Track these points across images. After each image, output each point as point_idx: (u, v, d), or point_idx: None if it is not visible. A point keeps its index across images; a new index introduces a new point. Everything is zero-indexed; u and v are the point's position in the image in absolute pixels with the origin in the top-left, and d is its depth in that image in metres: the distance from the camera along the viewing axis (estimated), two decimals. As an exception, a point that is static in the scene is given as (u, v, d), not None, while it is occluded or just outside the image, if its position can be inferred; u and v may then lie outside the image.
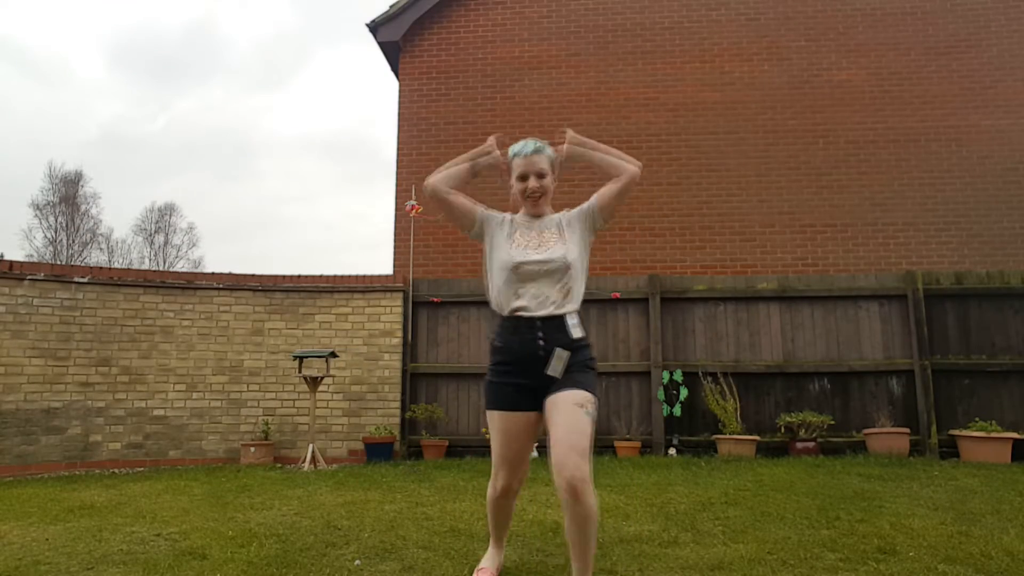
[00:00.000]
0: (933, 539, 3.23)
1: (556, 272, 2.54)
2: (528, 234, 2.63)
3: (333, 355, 7.12)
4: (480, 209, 2.71)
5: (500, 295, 2.59)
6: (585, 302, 2.65)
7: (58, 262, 30.11)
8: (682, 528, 3.57)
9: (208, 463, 7.10)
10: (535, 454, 6.94)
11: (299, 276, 7.79)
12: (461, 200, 2.69)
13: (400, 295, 7.66)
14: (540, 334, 2.48)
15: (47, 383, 6.91)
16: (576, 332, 2.51)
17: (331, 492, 4.88)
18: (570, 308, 2.54)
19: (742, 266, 8.35)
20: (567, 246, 2.59)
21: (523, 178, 2.65)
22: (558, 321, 2.50)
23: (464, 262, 8.55)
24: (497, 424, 2.55)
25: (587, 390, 2.43)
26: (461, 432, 7.41)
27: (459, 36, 9.16)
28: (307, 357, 7.08)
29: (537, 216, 2.68)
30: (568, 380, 2.44)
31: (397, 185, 8.84)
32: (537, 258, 2.55)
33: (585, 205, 2.70)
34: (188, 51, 54.20)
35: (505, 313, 2.57)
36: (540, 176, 2.64)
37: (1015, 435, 6.24)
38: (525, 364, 2.49)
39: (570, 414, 2.35)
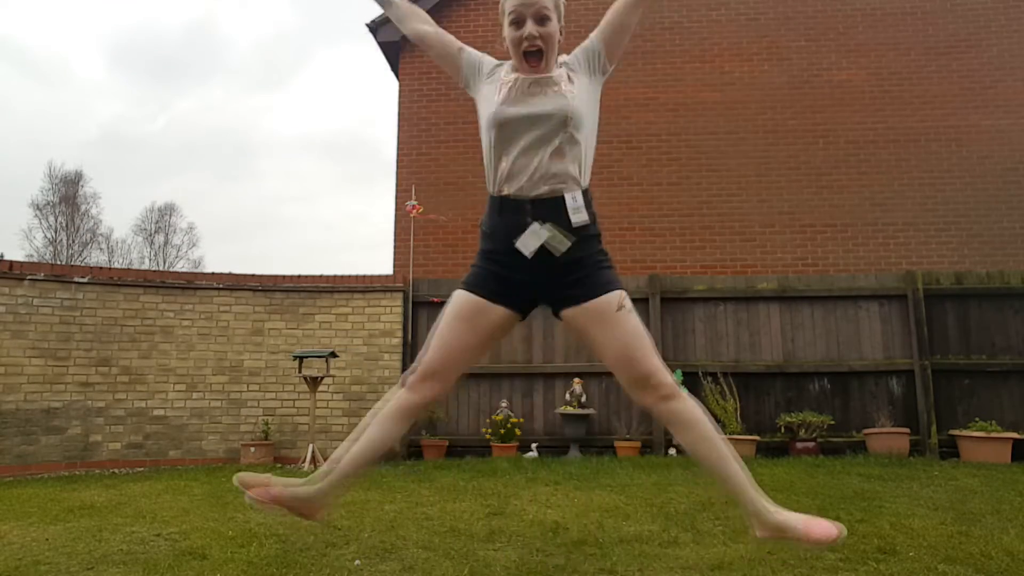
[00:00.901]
0: (933, 539, 3.23)
1: (551, 129, 1.92)
2: (523, 86, 2.01)
3: (333, 355, 7.12)
4: (464, 50, 2.20)
5: (486, 165, 2.04)
6: None
7: (58, 262, 30.13)
8: (682, 528, 3.57)
9: (208, 463, 7.10)
10: (533, 453, 6.95)
11: (299, 276, 7.79)
12: (440, 34, 2.22)
13: (400, 295, 7.66)
14: (529, 219, 1.91)
15: (47, 383, 6.91)
16: (578, 217, 1.92)
17: (331, 492, 4.87)
18: (570, 182, 1.94)
19: (742, 266, 8.36)
20: (567, 96, 1.97)
21: (517, 23, 2.00)
22: (553, 203, 1.91)
23: (464, 262, 8.52)
24: (453, 302, 2.02)
25: (616, 287, 1.96)
26: (461, 432, 7.41)
27: (459, 36, 9.09)
28: (307, 357, 7.08)
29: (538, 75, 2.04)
30: (589, 285, 1.93)
31: (397, 185, 8.84)
32: (526, 112, 1.94)
33: (586, 41, 2.14)
34: (188, 51, 54.28)
35: (491, 190, 2.02)
36: (541, 20, 2.00)
37: (1015, 435, 6.24)
38: (513, 255, 1.94)
39: (620, 323, 1.89)
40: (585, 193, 1.98)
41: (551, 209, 1.91)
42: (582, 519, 3.76)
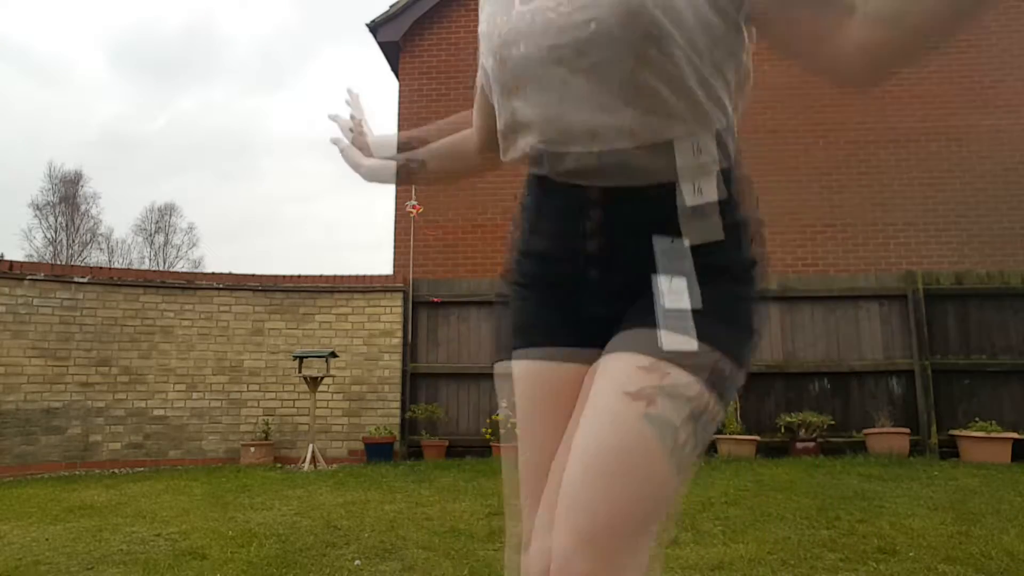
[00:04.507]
0: (933, 539, 3.23)
1: (605, 47, 0.91)
2: None
3: (333, 355, 7.12)
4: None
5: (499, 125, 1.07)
6: None
7: (58, 262, 30.13)
8: (682, 528, 3.56)
9: (208, 463, 7.10)
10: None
11: (299, 276, 7.78)
12: (482, 112, 1.27)
13: (400, 295, 7.65)
14: (590, 218, 0.98)
15: (47, 383, 6.90)
16: (702, 195, 0.95)
17: (331, 492, 4.88)
18: (681, 130, 0.94)
19: (742, 266, 8.35)
20: None
21: None
22: (643, 188, 0.96)
23: (464, 262, 8.55)
24: (516, 388, 1.11)
25: (694, 344, 0.90)
26: (461, 432, 7.41)
27: (459, 36, 9.16)
28: (307, 357, 7.08)
29: None
30: (651, 316, 0.92)
31: (397, 185, 8.83)
32: (548, 8, 0.94)
33: None
34: (188, 51, 54.33)
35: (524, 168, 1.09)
36: None
37: (1015, 435, 6.23)
38: (562, 284, 1.03)
39: (607, 414, 0.89)
40: (721, 141, 1.01)
41: (636, 201, 0.97)
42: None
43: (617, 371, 0.91)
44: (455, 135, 1.32)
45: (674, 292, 0.92)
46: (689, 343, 0.90)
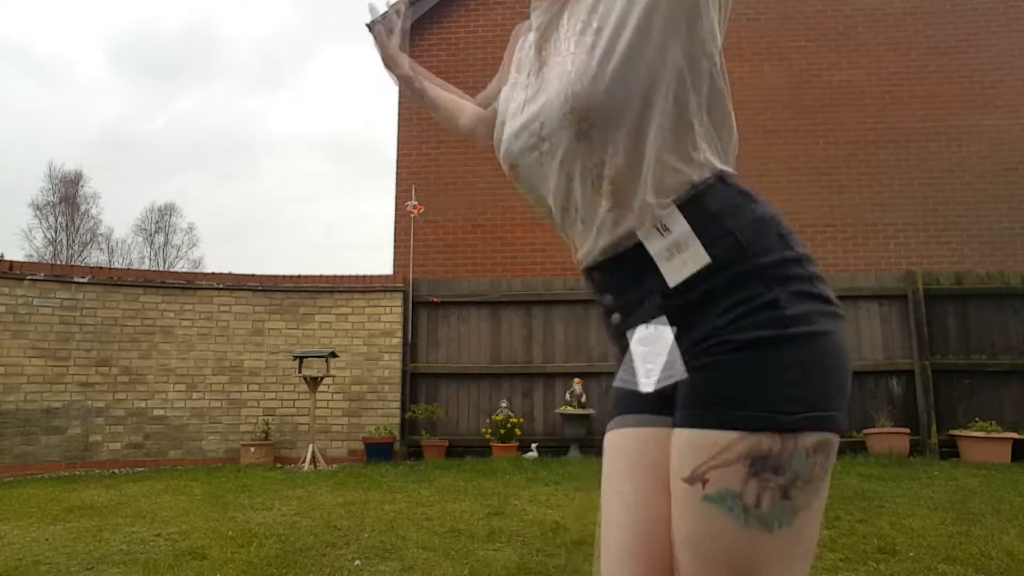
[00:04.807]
0: (933, 539, 3.23)
1: (563, 140, 0.97)
2: (531, 58, 1.10)
3: (333, 355, 7.12)
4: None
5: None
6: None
7: (58, 262, 30.12)
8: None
9: (208, 463, 7.10)
10: (533, 453, 6.94)
11: (299, 276, 7.78)
12: (486, 119, 1.40)
13: (400, 295, 7.65)
14: (613, 309, 1.01)
15: (47, 383, 6.90)
16: (683, 269, 0.93)
17: (331, 492, 4.88)
18: (634, 221, 0.95)
19: (742, 266, 8.34)
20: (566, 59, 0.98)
21: None
22: (625, 264, 0.97)
23: (464, 262, 8.55)
24: (604, 463, 1.04)
25: (735, 424, 0.87)
26: (461, 432, 7.41)
27: (459, 36, 9.15)
28: (307, 357, 7.08)
29: None
30: (695, 398, 0.90)
31: (397, 185, 8.84)
32: (521, 124, 1.04)
33: None
34: (189, 51, 54.39)
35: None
36: None
37: (1015, 435, 6.24)
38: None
39: (688, 511, 0.88)
40: (685, 209, 0.96)
41: (624, 276, 0.98)
42: (582, 519, 3.76)
43: (681, 454, 0.92)
44: (457, 102, 1.48)
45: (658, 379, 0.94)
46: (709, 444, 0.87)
